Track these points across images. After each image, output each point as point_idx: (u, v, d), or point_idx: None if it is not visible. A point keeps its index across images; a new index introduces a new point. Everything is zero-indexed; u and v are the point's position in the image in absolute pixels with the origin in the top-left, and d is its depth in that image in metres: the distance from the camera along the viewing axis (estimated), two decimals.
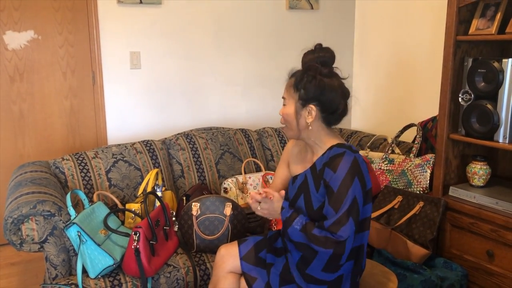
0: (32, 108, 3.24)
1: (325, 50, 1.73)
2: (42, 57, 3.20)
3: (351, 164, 1.63)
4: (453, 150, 2.46)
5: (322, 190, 1.69)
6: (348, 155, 1.65)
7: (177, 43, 3.50)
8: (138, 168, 2.69)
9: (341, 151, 1.66)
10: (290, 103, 1.74)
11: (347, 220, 1.60)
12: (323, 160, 1.71)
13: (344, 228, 1.60)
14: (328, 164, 1.67)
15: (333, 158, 1.66)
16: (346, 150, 1.66)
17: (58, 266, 2.08)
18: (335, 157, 1.66)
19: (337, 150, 1.68)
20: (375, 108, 3.95)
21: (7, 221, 1.99)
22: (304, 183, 1.78)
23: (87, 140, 3.42)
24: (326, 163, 1.68)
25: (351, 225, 1.60)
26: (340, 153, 1.66)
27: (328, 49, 1.74)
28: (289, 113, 1.74)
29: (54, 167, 2.56)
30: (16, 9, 3.08)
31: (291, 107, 1.74)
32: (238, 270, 1.91)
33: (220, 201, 2.30)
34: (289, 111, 1.74)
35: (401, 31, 3.60)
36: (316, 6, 3.93)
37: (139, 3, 3.30)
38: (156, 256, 2.13)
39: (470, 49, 2.38)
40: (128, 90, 3.41)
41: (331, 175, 1.64)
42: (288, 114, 1.74)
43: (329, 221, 1.62)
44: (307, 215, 1.75)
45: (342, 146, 1.69)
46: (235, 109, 3.79)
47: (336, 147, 1.69)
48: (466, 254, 2.36)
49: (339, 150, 1.67)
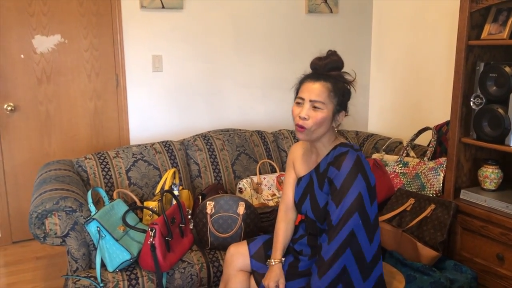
0: (58, 109, 3.38)
1: (335, 55, 1.79)
2: (68, 60, 3.34)
3: (354, 161, 1.69)
4: (465, 153, 2.48)
5: (326, 188, 1.76)
6: (351, 153, 1.71)
7: (198, 46, 3.60)
8: (157, 168, 2.79)
9: (345, 150, 1.73)
10: (328, 108, 1.74)
11: (352, 215, 1.66)
12: (328, 160, 1.77)
13: (350, 222, 1.66)
14: (332, 163, 1.73)
15: (337, 157, 1.72)
16: (349, 149, 1.73)
17: (78, 259, 2.19)
18: (339, 156, 1.72)
19: (341, 149, 1.74)
20: (391, 111, 3.97)
21: (32, 215, 2.11)
22: (309, 184, 1.84)
23: (110, 140, 3.54)
24: (331, 162, 1.74)
25: (357, 219, 1.66)
26: (344, 152, 1.72)
27: (337, 54, 1.80)
28: (326, 118, 1.74)
29: (77, 166, 2.68)
30: (44, 14, 3.23)
31: (329, 112, 1.74)
32: (248, 268, 1.98)
33: (234, 200, 2.38)
34: (326, 116, 1.74)
35: (417, 35, 3.62)
36: (336, 10, 3.97)
37: (161, 8, 3.40)
38: (171, 252, 2.22)
39: (482, 54, 2.40)
40: (150, 92, 3.52)
41: (336, 173, 1.70)
42: (325, 118, 1.74)
43: (336, 217, 1.67)
44: (313, 215, 1.81)
45: (346, 145, 1.76)
46: (253, 111, 3.86)
47: (340, 147, 1.76)
48: (476, 257, 2.38)
49: (343, 149, 1.73)
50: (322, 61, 1.78)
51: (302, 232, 1.95)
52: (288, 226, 1.97)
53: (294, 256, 1.91)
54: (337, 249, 1.66)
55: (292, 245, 1.95)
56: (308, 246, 1.88)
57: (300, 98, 1.77)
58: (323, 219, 1.79)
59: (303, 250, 1.89)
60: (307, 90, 1.75)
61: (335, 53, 1.81)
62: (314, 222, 1.84)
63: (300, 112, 1.74)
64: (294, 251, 1.93)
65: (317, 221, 1.82)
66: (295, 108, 1.78)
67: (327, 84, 1.74)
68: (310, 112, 1.73)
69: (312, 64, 1.81)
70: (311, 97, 1.73)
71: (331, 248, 1.66)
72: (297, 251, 1.91)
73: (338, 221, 1.67)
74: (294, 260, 1.90)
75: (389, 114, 4.00)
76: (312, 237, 1.88)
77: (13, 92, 3.25)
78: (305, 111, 1.73)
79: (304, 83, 1.79)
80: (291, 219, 1.99)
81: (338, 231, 1.66)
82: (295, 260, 1.89)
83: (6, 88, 3.23)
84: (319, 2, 3.89)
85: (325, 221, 1.77)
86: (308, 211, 1.85)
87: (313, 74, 1.79)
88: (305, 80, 1.79)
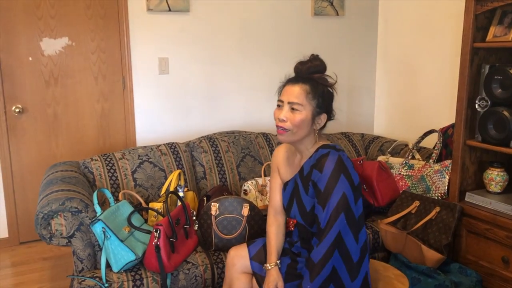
0: (66, 111, 3.41)
1: (318, 59, 1.81)
2: (76, 63, 3.37)
3: (335, 162, 1.70)
4: (470, 156, 2.48)
5: (311, 191, 1.77)
6: (332, 154, 1.72)
7: (204, 49, 3.62)
8: (163, 169, 2.80)
9: (326, 152, 1.73)
10: (307, 110, 1.76)
11: (338, 216, 1.67)
12: (311, 162, 1.78)
13: (337, 223, 1.68)
14: (315, 165, 1.74)
15: (319, 159, 1.74)
16: (331, 150, 1.73)
17: (84, 260, 2.21)
18: (321, 158, 1.73)
19: (322, 151, 1.75)
20: (397, 113, 3.96)
21: (38, 216, 2.13)
22: (295, 188, 1.86)
23: (117, 142, 3.57)
24: (313, 165, 1.75)
25: (342, 219, 1.68)
26: (325, 154, 1.73)
27: (319, 58, 1.82)
28: (304, 119, 1.76)
29: (84, 167, 2.71)
30: (52, 17, 3.26)
31: (307, 114, 1.77)
32: (249, 270, 1.99)
33: (238, 202, 2.39)
34: (304, 117, 1.76)
35: (423, 37, 3.62)
36: (342, 13, 3.97)
37: (168, 10, 3.43)
38: (176, 253, 2.23)
39: (487, 56, 2.40)
40: (156, 94, 3.55)
41: (319, 176, 1.72)
42: (304, 120, 1.76)
43: (323, 220, 1.69)
44: (301, 219, 1.82)
45: (327, 147, 1.76)
46: (259, 113, 3.87)
47: (322, 149, 1.77)
48: (481, 260, 2.37)
49: (324, 151, 1.74)
50: (303, 65, 1.81)
51: (296, 238, 1.96)
52: (279, 229, 1.98)
53: (292, 258, 1.92)
54: (326, 251, 1.68)
55: (289, 248, 1.96)
56: (304, 249, 1.89)
57: (280, 100, 1.82)
58: (311, 222, 1.80)
59: (301, 252, 1.91)
60: (286, 93, 1.80)
61: (317, 57, 1.83)
62: (304, 226, 1.86)
63: (279, 114, 1.78)
64: (292, 253, 1.93)
65: (306, 225, 1.84)
66: (276, 111, 1.83)
67: (305, 86, 1.77)
68: (289, 114, 1.77)
69: (295, 68, 1.84)
70: (289, 99, 1.77)
71: (320, 251, 1.69)
72: (294, 253, 1.92)
73: (325, 223, 1.69)
74: (292, 262, 1.91)
75: (395, 116, 3.99)
76: (305, 241, 1.89)
77: (21, 94, 3.29)
78: (283, 113, 1.78)
79: (285, 86, 1.83)
80: (280, 222, 2.00)
81: (326, 233, 1.68)
82: (293, 262, 1.90)
83: (14, 90, 3.27)
84: (325, 5, 3.90)
85: (314, 224, 1.78)
86: (296, 215, 1.88)
87: (294, 77, 1.83)
88: (286, 84, 1.84)
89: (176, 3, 3.42)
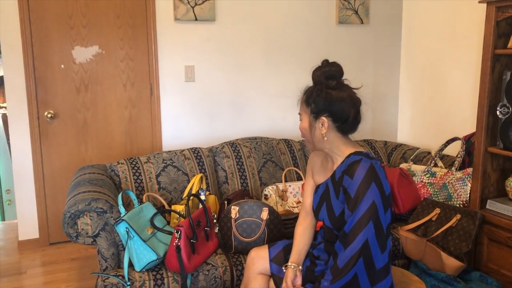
0: (95, 116, 3.53)
1: (331, 64, 1.81)
2: (105, 70, 3.50)
3: (367, 170, 1.70)
4: (492, 163, 2.46)
5: (342, 196, 1.78)
6: (364, 161, 1.72)
7: (229, 57, 3.70)
8: (186, 173, 2.88)
9: (358, 158, 1.74)
10: (305, 117, 1.84)
11: (367, 223, 1.67)
12: (342, 168, 1.79)
13: (365, 231, 1.67)
14: (346, 171, 1.75)
15: (351, 165, 1.74)
16: (363, 157, 1.74)
17: (108, 259, 2.29)
18: (352, 164, 1.74)
19: (354, 157, 1.76)
20: (421, 121, 3.94)
21: (66, 215, 2.23)
22: (325, 191, 1.88)
23: (144, 147, 3.67)
24: (345, 170, 1.76)
25: (371, 228, 1.67)
26: (357, 160, 1.74)
27: (334, 63, 1.82)
28: (305, 127, 1.84)
29: (110, 170, 2.80)
30: (84, 26, 3.40)
31: (306, 121, 1.83)
32: (267, 272, 2.02)
33: (258, 205, 2.43)
34: (304, 125, 1.84)
35: (446, 45, 3.60)
36: (366, 21, 3.99)
37: (194, 20, 3.52)
38: (196, 254, 2.28)
39: (509, 63, 2.38)
40: (182, 101, 3.64)
41: (349, 182, 1.72)
42: (304, 128, 1.84)
43: (349, 225, 1.70)
44: (329, 223, 1.84)
45: (359, 154, 1.77)
46: (283, 121, 3.92)
47: (354, 155, 1.77)
48: (503, 268, 2.34)
49: (356, 158, 1.75)
50: (316, 72, 1.82)
51: (321, 239, 1.98)
52: (306, 230, 2.01)
53: (311, 260, 1.94)
54: (351, 257, 1.67)
55: (311, 250, 1.98)
56: (325, 252, 1.91)
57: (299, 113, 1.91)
58: (339, 227, 1.81)
59: (321, 255, 1.92)
60: None
61: (331, 63, 1.81)
62: (331, 229, 1.87)
63: None
64: (312, 256, 1.96)
65: (334, 229, 1.85)
66: None
67: (304, 95, 1.85)
68: (300, 124, 1.88)
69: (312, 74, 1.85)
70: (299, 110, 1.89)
71: (346, 256, 1.68)
72: (314, 256, 1.95)
73: (352, 229, 1.68)
74: (311, 264, 1.93)
75: (419, 124, 3.97)
76: (329, 243, 1.90)
77: (53, 100, 3.43)
78: (300, 124, 1.89)
79: None
80: (309, 224, 2.02)
81: (353, 239, 1.68)
82: (312, 265, 1.92)
83: (47, 96, 3.41)
84: (349, 13, 3.93)
85: (341, 229, 1.79)
86: (325, 218, 1.88)
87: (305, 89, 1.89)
88: None
89: (202, 13, 3.52)
